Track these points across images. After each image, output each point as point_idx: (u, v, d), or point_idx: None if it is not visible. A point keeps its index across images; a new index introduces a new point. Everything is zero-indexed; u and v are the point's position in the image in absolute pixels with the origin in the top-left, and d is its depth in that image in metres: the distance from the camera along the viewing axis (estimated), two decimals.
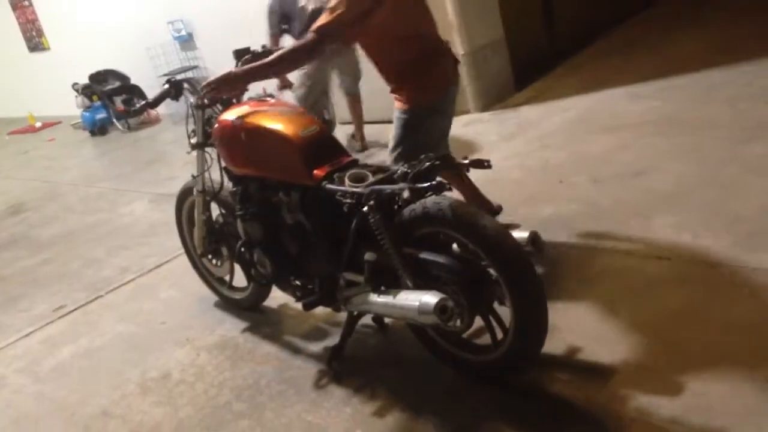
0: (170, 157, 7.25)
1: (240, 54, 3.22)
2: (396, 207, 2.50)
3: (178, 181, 5.46)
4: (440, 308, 2.23)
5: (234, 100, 3.14)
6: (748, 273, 2.79)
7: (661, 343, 2.53)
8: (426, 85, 3.01)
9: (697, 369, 2.36)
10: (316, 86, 5.48)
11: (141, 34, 8.64)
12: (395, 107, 3.11)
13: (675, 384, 2.31)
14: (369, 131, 5.83)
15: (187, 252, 3.76)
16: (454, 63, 3.17)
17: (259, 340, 3.28)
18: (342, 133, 5.96)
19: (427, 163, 2.41)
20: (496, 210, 3.52)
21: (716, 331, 2.53)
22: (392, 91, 3.13)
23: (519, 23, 6.41)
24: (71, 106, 9.68)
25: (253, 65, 2.88)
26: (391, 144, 3.12)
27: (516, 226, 3.39)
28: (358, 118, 5.82)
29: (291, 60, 2.83)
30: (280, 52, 2.86)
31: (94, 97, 9.36)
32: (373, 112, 5.77)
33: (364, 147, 5.74)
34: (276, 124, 2.77)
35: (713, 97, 4.78)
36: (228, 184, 3.16)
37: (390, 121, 3.17)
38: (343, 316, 2.94)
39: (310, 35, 2.77)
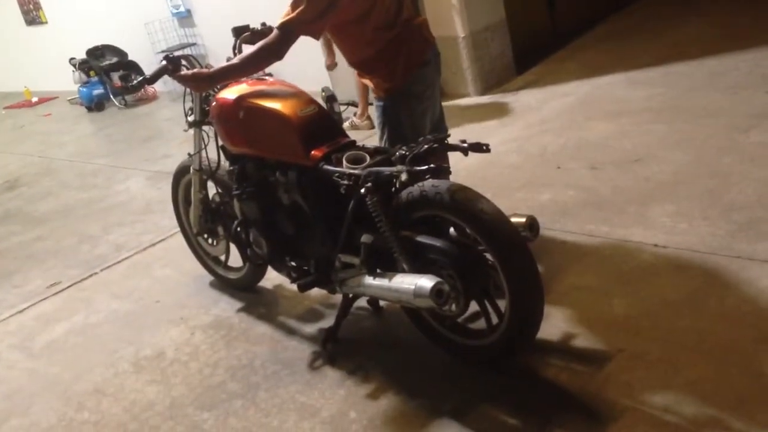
0: (167, 135, 7.21)
1: (239, 31, 3.19)
2: (394, 189, 2.49)
3: (175, 158, 5.45)
4: (436, 292, 2.23)
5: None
6: (744, 263, 2.79)
7: (656, 332, 2.53)
8: (391, 72, 2.89)
9: (690, 358, 2.37)
10: None
11: (139, 10, 8.56)
12: (372, 94, 3.06)
13: (668, 372, 2.32)
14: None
15: (183, 231, 3.74)
16: (423, 43, 2.98)
17: (254, 320, 3.28)
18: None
19: (426, 146, 2.39)
20: None
21: (711, 321, 2.53)
22: (359, 77, 3.08)
23: (520, 6, 6.36)
24: (68, 81, 9.61)
25: (221, 67, 2.84)
26: (377, 134, 3.09)
27: None
28: (364, 91, 5.52)
29: (258, 60, 2.76)
30: (246, 53, 2.81)
31: (92, 73, 9.28)
32: None
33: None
34: (274, 104, 2.75)
35: (714, 84, 4.75)
36: (225, 163, 3.14)
37: None
38: (338, 298, 2.94)
39: (274, 33, 2.71)
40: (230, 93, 2.92)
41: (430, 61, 2.98)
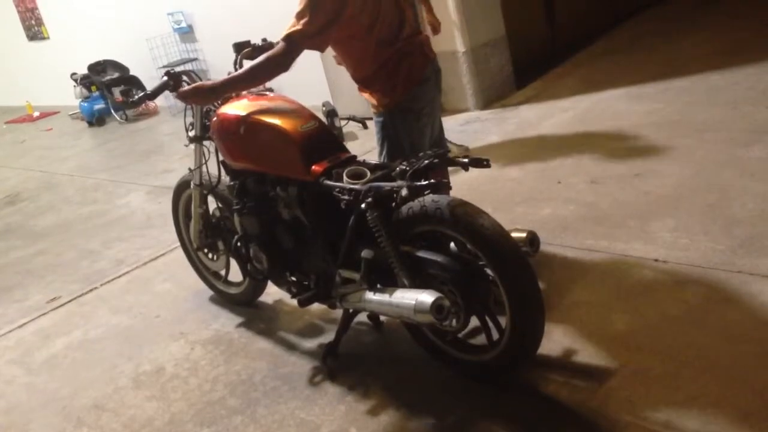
0: (168, 150, 7.22)
1: (240, 47, 3.20)
2: (394, 204, 2.49)
3: (176, 173, 5.46)
4: (436, 307, 2.23)
5: (233, 94, 3.12)
6: (746, 278, 2.78)
7: (657, 347, 2.52)
8: (391, 87, 2.90)
9: (692, 373, 2.36)
10: None
11: (141, 25, 8.61)
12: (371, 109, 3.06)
13: (670, 388, 2.31)
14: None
15: (183, 245, 3.74)
16: (423, 60, 2.97)
17: (254, 335, 3.27)
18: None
19: (426, 161, 2.40)
20: None
21: (712, 336, 2.52)
22: (360, 91, 3.06)
23: (520, 22, 6.40)
24: (69, 96, 9.64)
25: (225, 79, 2.83)
26: (377, 149, 3.10)
27: None
28: None
29: (263, 71, 2.75)
30: (251, 65, 2.80)
31: (93, 88, 9.32)
32: None
33: None
34: (275, 119, 2.75)
35: (714, 99, 4.77)
36: (225, 178, 3.15)
37: None
38: (338, 313, 2.93)
39: (279, 44, 2.71)
40: (231, 108, 2.93)
41: (430, 77, 2.98)
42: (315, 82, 6.15)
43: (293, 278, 2.99)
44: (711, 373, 2.34)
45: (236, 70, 3.15)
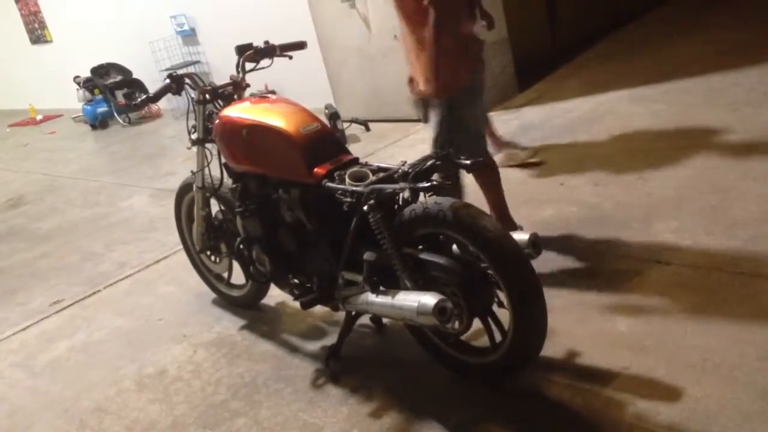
0: (171, 152, 7.24)
1: (242, 50, 3.21)
2: (396, 206, 2.49)
3: (178, 176, 5.47)
4: (439, 310, 2.23)
5: (235, 96, 3.13)
6: (748, 279, 2.78)
7: (660, 349, 2.52)
8: (456, 71, 3.07)
9: (695, 375, 2.35)
10: None
11: (144, 28, 8.63)
12: (426, 95, 3.17)
13: (673, 390, 2.31)
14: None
15: (186, 248, 3.74)
16: (480, 46, 3.26)
17: (257, 338, 3.27)
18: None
19: (428, 163, 2.40)
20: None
21: (715, 337, 2.51)
22: (413, 75, 3.19)
23: (522, 23, 6.39)
24: (73, 99, 9.68)
25: (433, 63, 3.01)
26: (432, 133, 3.19)
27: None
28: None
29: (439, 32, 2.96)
30: (432, 37, 2.96)
31: (96, 91, 9.35)
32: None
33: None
34: (277, 121, 2.76)
35: (716, 101, 4.76)
36: (228, 181, 3.15)
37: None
38: (341, 315, 2.93)
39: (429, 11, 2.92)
40: (233, 111, 2.94)
41: (479, 69, 3.23)
42: (317, 84, 6.16)
43: (296, 280, 3.00)
44: (714, 375, 2.34)
45: (238, 73, 3.16)
